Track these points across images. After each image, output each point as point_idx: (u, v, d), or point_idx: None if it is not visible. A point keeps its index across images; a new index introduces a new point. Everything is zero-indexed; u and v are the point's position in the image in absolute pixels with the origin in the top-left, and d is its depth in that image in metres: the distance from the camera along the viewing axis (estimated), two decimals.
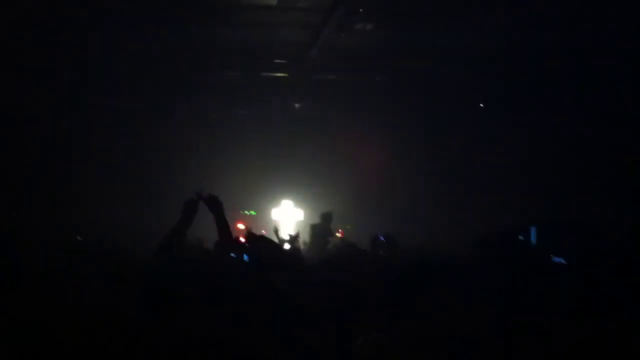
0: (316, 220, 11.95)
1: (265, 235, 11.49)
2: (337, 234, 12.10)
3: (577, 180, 10.96)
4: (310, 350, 3.26)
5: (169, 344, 3.06)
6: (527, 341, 2.95)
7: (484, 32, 10.76)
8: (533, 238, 9.56)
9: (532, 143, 11.80)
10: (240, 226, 15.08)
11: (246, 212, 15.22)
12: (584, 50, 10.13)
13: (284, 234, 12.53)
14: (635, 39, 9.23)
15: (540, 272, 4.38)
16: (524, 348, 2.91)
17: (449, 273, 3.12)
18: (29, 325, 3.01)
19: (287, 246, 10.97)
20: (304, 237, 12.32)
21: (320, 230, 11.39)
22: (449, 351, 2.76)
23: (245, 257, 4.65)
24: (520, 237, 9.46)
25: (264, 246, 4.87)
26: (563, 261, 6.35)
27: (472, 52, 11.36)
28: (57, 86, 11.70)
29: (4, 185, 11.38)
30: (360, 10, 10.49)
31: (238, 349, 3.11)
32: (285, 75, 13.65)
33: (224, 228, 5.01)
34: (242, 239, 10.86)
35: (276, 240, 11.49)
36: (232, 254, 4.79)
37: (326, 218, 11.62)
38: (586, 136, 10.82)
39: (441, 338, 2.85)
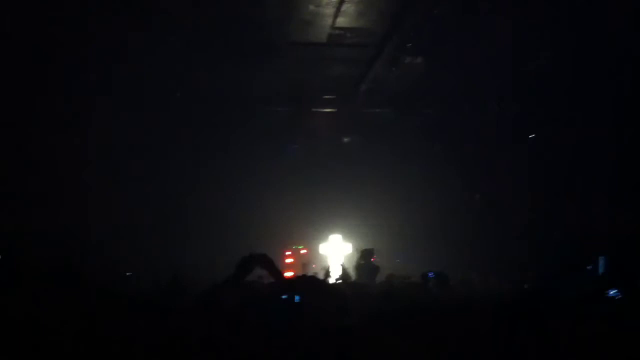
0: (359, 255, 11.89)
1: (314, 272, 11.59)
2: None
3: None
4: None
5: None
6: None
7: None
8: (601, 269, 9.34)
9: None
10: (289, 260, 15.18)
11: (295, 247, 15.29)
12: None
13: (333, 269, 12.54)
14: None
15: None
16: None
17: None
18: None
19: (334, 280, 10.96)
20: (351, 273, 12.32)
21: (364, 269, 11.33)
22: None
23: (297, 297, 4.89)
24: (589, 268, 9.31)
25: (310, 287, 5.13)
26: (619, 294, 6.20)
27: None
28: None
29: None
30: (409, 45, 10.62)
31: None
32: (335, 110, 13.82)
33: (278, 277, 5.51)
34: (291, 274, 10.87)
35: (326, 277, 11.52)
36: (283, 296, 5.03)
37: (367, 255, 11.53)
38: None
39: None
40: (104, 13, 9.48)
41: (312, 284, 5.62)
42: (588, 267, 9.76)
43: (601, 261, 9.93)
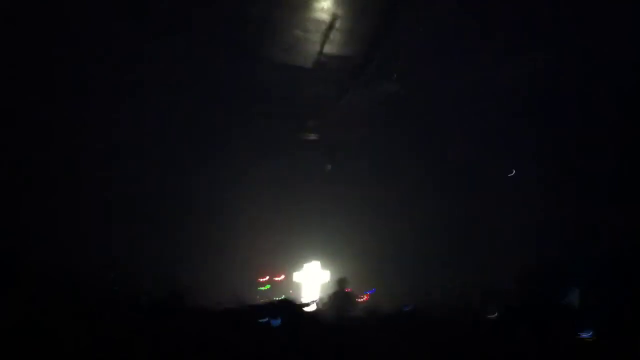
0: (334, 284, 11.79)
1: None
2: (360, 300, 11.88)
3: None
4: None
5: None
6: None
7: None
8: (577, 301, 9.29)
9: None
10: (262, 288, 14.98)
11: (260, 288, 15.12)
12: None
13: (306, 297, 12.39)
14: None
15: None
16: None
17: None
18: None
19: (310, 308, 10.82)
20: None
21: (339, 296, 11.23)
22: None
23: (273, 321, 4.84)
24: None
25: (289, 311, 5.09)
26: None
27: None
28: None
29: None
30: (394, 74, 10.71)
31: None
32: (316, 137, 13.84)
33: None
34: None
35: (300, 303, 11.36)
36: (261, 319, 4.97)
37: (342, 284, 11.44)
38: None
39: None
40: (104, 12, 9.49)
41: (290, 308, 5.55)
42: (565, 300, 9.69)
43: (576, 293, 9.85)
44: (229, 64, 10.92)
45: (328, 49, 10.47)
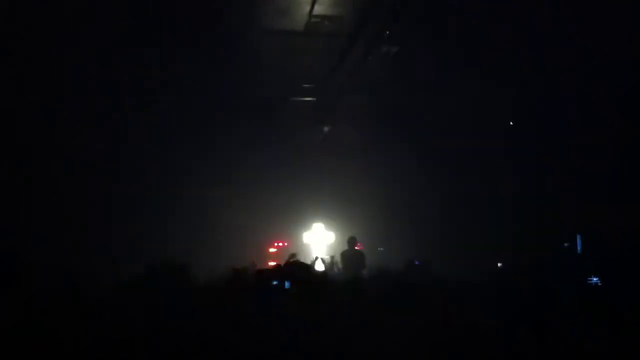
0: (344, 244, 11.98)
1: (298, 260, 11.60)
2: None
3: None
4: None
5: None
6: None
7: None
8: (579, 246, 9.41)
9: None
10: (272, 250, 15.20)
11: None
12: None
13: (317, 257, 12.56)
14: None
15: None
16: None
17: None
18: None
19: (320, 267, 11.00)
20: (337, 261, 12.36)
21: (350, 256, 11.43)
22: None
23: (286, 284, 4.91)
24: (566, 245, 9.37)
25: (301, 274, 5.12)
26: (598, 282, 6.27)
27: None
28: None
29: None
30: (387, 32, 10.58)
31: None
32: (314, 99, 13.77)
33: None
34: (274, 263, 10.86)
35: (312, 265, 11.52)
36: (274, 281, 5.03)
37: (352, 242, 11.65)
38: None
39: None
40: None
41: (301, 270, 5.58)
42: (565, 245, 9.84)
43: (578, 239, 10.00)
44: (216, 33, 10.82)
45: (318, 10, 10.32)
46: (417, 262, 7.62)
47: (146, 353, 3.14)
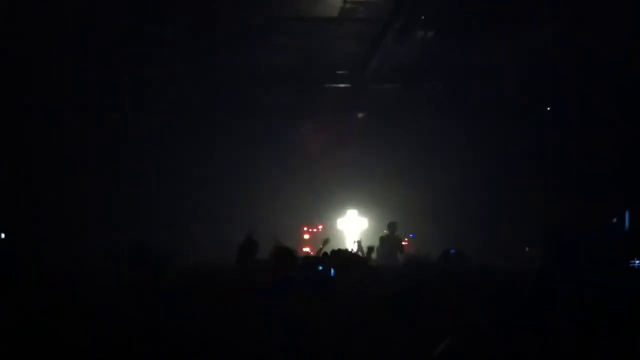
0: (381, 229, 11.97)
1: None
2: (404, 244, 12.10)
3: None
4: None
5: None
6: None
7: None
8: (627, 223, 9.13)
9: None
10: (306, 237, 15.22)
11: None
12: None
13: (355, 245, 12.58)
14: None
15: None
16: None
17: None
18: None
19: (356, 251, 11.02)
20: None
21: (388, 241, 11.45)
22: None
23: (332, 271, 4.93)
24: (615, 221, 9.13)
25: (346, 260, 5.16)
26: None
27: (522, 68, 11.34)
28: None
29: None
30: (422, 17, 10.44)
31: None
32: (348, 86, 13.71)
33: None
34: (307, 250, 10.86)
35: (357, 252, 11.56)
36: (319, 267, 5.06)
37: (392, 227, 11.67)
38: None
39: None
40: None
41: (347, 259, 5.61)
42: (613, 221, 9.50)
43: (627, 215, 9.61)
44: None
45: None
46: (452, 252, 7.53)
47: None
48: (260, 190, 14.13)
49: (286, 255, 4.96)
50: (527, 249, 10.20)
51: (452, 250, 7.29)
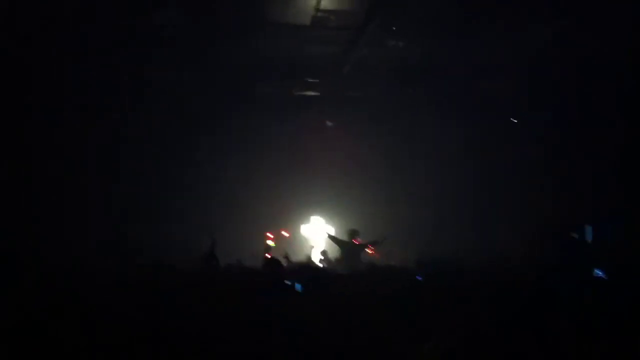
0: (344, 236, 11.92)
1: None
2: (368, 251, 12.04)
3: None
4: None
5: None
6: None
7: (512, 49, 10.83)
8: (589, 237, 9.30)
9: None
10: (270, 243, 15.10)
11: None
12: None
13: (316, 252, 12.50)
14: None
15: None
16: None
17: None
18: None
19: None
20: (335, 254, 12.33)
21: (350, 247, 11.42)
22: None
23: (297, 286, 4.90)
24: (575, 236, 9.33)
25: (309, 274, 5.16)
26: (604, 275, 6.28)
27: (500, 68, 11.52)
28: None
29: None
30: (393, 28, 10.53)
31: None
32: (317, 94, 13.72)
33: None
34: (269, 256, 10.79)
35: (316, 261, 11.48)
36: (287, 281, 5.03)
37: (352, 234, 11.61)
38: None
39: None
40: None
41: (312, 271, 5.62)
42: (574, 236, 9.74)
43: (588, 230, 9.85)
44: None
45: (325, 4, 10.23)
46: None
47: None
48: (223, 197, 14.02)
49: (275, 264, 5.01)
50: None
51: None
